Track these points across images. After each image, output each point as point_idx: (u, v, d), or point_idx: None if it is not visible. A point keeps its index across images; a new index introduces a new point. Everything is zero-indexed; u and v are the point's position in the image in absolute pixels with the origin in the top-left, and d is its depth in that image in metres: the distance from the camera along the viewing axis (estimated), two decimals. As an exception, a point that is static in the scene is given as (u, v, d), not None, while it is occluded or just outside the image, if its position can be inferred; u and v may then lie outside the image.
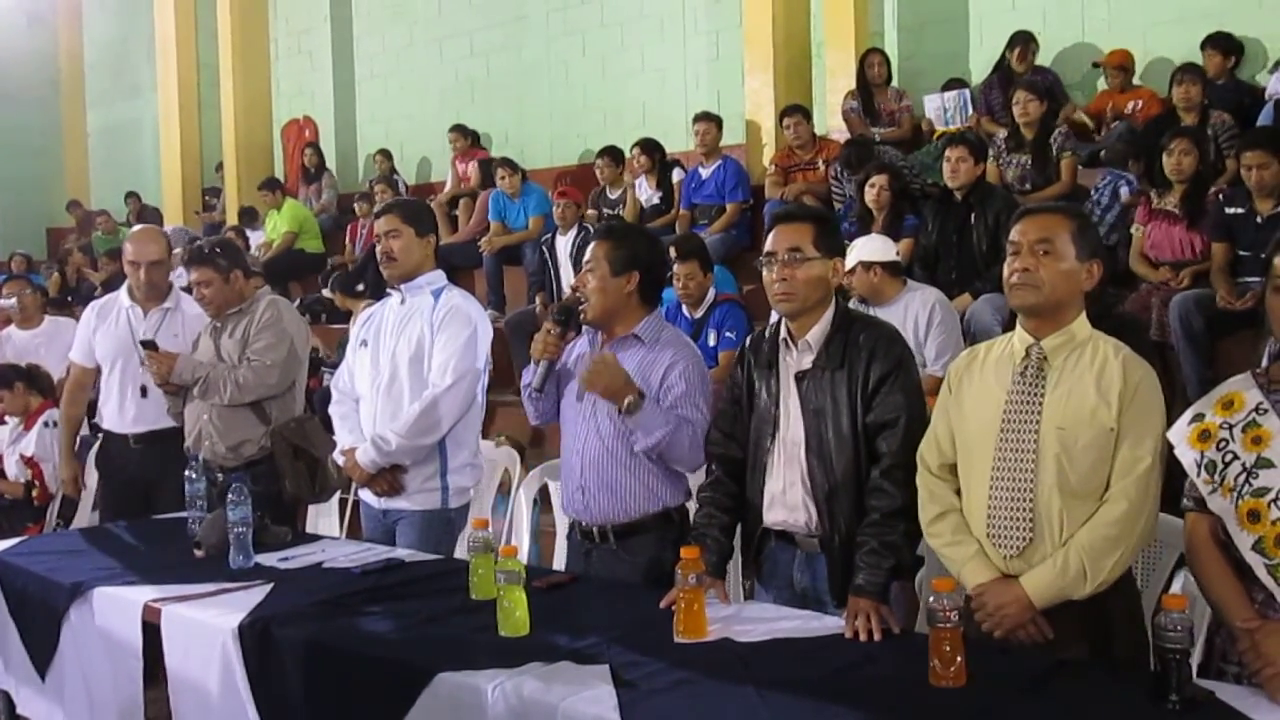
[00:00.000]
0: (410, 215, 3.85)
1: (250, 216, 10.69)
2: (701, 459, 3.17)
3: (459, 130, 9.84)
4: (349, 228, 10.03)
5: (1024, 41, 7.28)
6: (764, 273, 2.93)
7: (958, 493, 2.66)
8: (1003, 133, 6.68)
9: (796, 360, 2.91)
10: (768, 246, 2.92)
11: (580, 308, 3.29)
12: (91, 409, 4.99)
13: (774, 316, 5.38)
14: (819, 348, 2.87)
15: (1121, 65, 7.01)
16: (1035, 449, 2.50)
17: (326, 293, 9.24)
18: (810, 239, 2.86)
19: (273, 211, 10.30)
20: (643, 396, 3.11)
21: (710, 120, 7.87)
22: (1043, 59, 7.38)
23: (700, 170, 7.80)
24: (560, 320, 3.28)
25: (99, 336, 4.75)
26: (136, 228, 5.20)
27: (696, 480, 3.39)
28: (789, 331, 2.94)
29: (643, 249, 3.31)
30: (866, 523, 2.75)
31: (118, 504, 4.62)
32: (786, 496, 2.89)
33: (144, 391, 4.59)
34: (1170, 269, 5.43)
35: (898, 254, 5.03)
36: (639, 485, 3.22)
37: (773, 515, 2.92)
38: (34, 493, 5.64)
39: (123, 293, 4.78)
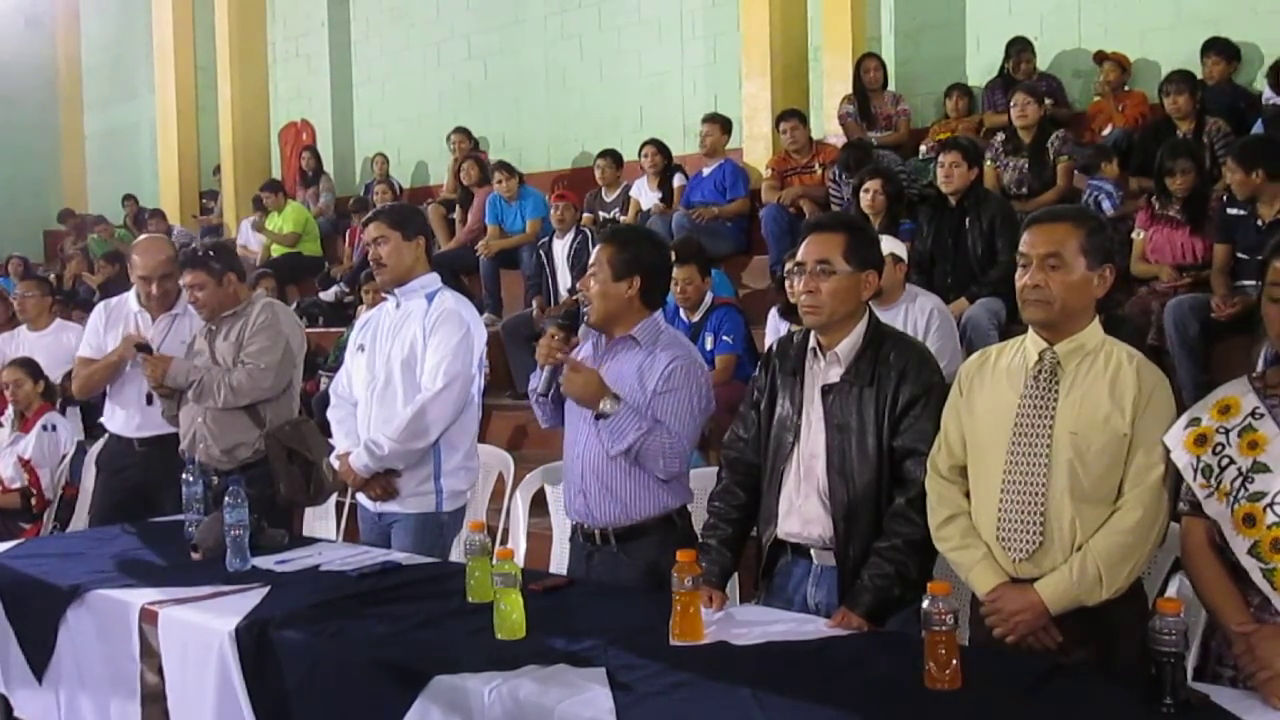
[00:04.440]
0: (396, 220, 3.83)
1: (257, 205, 10.63)
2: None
3: (463, 132, 9.78)
4: (347, 231, 10.03)
5: (1019, 50, 7.31)
6: (792, 282, 2.90)
7: (966, 495, 2.66)
8: (1000, 136, 6.69)
9: (824, 372, 2.87)
10: (798, 255, 2.88)
11: (583, 310, 3.29)
12: (91, 410, 4.95)
13: (772, 319, 5.49)
14: (848, 362, 2.83)
15: (1118, 62, 7.02)
16: (1048, 453, 2.50)
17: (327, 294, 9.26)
18: (841, 251, 2.81)
19: (274, 213, 10.30)
20: (618, 400, 3.09)
21: (716, 122, 7.90)
22: (1040, 64, 7.40)
23: (701, 171, 7.84)
24: (564, 324, 3.28)
25: (109, 339, 4.71)
26: (142, 238, 5.07)
27: (698, 483, 3.39)
28: (818, 341, 2.89)
29: (646, 253, 3.25)
30: (887, 545, 2.72)
31: (119, 506, 4.59)
32: (803, 508, 2.85)
33: (149, 399, 4.58)
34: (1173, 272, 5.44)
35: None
36: (639, 488, 3.18)
37: (788, 526, 2.88)
38: (31, 499, 5.63)
39: (131, 297, 4.76)
